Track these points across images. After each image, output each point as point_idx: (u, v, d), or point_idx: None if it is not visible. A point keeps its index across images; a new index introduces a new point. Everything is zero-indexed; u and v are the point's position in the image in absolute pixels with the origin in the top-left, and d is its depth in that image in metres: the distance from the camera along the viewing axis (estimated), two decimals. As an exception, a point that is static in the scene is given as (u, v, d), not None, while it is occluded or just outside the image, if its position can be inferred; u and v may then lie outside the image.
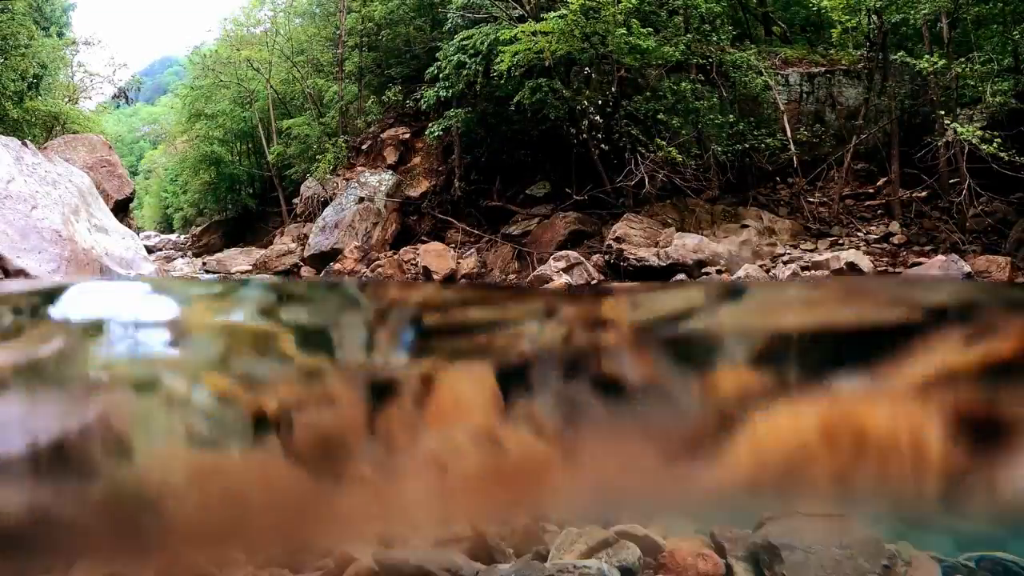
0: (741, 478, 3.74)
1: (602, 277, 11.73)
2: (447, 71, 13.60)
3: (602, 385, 4.23)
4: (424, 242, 14.23)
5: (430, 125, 14.66)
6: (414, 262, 13.27)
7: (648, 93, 12.43)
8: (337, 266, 13.44)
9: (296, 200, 17.80)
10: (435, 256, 13.31)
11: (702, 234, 11.69)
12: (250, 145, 24.69)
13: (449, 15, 14.34)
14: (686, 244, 11.36)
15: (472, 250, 14.09)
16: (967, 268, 9.33)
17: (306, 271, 14.26)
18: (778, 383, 4.19)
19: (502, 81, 12.58)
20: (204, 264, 16.25)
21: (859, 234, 11.32)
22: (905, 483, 3.68)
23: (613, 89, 12.44)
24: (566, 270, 11.51)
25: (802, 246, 11.38)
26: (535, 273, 11.98)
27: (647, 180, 11.85)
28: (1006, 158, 9.22)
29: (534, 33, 11.94)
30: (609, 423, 3.97)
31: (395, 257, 13.60)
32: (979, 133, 9.43)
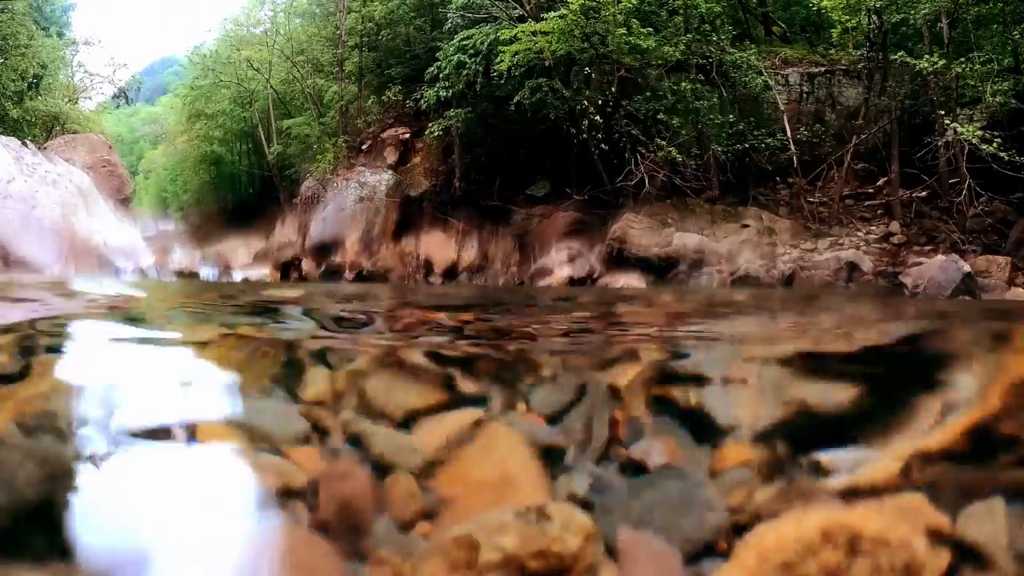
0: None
1: (603, 269, 11.70)
2: (447, 71, 13.59)
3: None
4: (425, 232, 14.07)
5: (430, 125, 14.64)
6: (415, 254, 13.21)
7: (648, 93, 12.43)
8: (338, 258, 13.39)
9: (296, 200, 17.79)
10: (436, 247, 13.24)
11: (703, 234, 11.69)
12: (250, 145, 24.68)
13: (449, 15, 14.34)
14: (686, 244, 11.36)
15: (474, 241, 13.98)
16: (967, 268, 9.34)
17: (307, 264, 14.19)
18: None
19: (502, 81, 12.58)
20: (203, 257, 16.17)
21: (859, 234, 11.32)
22: None
23: (613, 89, 12.44)
24: (568, 261, 11.51)
25: (802, 246, 11.38)
26: (536, 265, 11.97)
27: (647, 180, 11.85)
28: (1006, 158, 9.22)
29: (534, 33, 11.94)
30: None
31: (396, 248, 13.50)
32: (979, 133, 9.43)
